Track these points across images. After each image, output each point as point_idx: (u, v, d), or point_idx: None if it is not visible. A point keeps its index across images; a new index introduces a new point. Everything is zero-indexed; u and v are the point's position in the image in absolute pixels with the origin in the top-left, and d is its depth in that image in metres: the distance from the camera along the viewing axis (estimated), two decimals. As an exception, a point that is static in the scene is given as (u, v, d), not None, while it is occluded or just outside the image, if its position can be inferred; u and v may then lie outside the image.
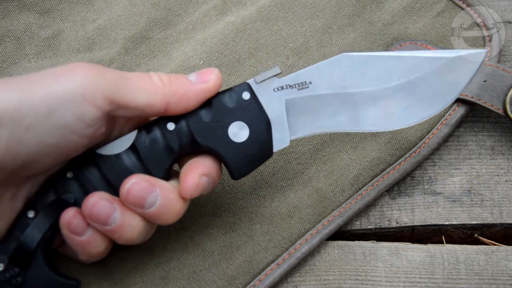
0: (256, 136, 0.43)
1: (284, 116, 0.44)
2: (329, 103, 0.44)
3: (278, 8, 0.57)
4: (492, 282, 0.48)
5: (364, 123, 0.45)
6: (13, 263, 0.40)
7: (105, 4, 0.57)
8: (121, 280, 0.47)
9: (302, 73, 0.44)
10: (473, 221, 0.51)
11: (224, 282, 0.47)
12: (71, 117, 0.38)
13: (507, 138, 0.54)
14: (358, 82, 0.44)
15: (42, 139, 0.38)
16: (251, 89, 0.43)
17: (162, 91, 0.41)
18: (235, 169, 0.43)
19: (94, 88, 0.38)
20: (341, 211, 0.50)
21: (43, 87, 0.38)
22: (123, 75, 0.40)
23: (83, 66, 0.39)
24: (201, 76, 0.43)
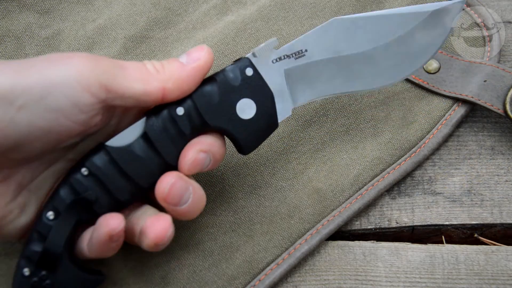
0: (263, 111, 0.44)
1: (284, 86, 0.45)
2: (325, 68, 0.46)
3: (279, 7, 0.57)
4: (492, 282, 0.48)
5: (358, 83, 0.47)
6: (40, 267, 0.41)
7: (105, 3, 0.57)
8: (121, 279, 0.47)
9: (297, 41, 0.45)
10: (473, 221, 0.51)
11: (224, 282, 0.47)
12: (65, 101, 0.38)
13: (507, 138, 0.54)
14: (350, 45, 0.46)
15: (34, 120, 0.38)
16: (252, 65, 0.44)
17: (157, 77, 0.41)
18: (245, 145, 0.44)
19: (90, 74, 0.38)
20: (341, 211, 0.50)
21: (38, 70, 0.38)
22: (119, 64, 0.41)
23: (80, 55, 0.40)
24: (191, 56, 0.43)
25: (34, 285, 0.41)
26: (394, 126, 0.53)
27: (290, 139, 0.52)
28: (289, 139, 0.52)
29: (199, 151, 0.42)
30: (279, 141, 0.52)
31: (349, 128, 0.53)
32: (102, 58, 0.40)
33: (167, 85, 0.41)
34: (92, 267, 0.44)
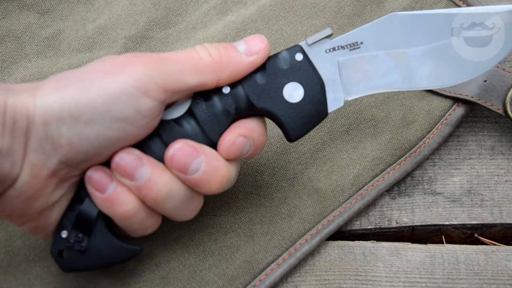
0: (311, 96, 0.43)
1: (337, 76, 0.44)
2: (381, 63, 0.45)
3: (279, 7, 0.57)
4: (492, 282, 0.48)
5: (417, 81, 0.45)
6: (76, 229, 0.42)
7: (105, 3, 0.57)
8: (122, 279, 0.47)
9: (353, 33, 0.44)
10: (473, 221, 0.51)
11: (224, 282, 0.47)
12: (128, 110, 0.38)
13: (507, 138, 0.54)
14: (408, 41, 0.44)
15: (101, 133, 0.39)
16: (303, 51, 0.44)
17: (213, 67, 0.41)
18: (292, 130, 0.44)
19: (147, 79, 0.39)
20: (341, 211, 0.50)
21: (96, 84, 0.38)
22: (171, 59, 0.41)
23: (132, 60, 0.40)
24: (250, 47, 0.43)
25: (70, 247, 0.42)
26: (394, 126, 0.53)
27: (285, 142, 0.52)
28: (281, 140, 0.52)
29: (239, 135, 0.42)
30: (279, 141, 0.52)
31: (349, 128, 0.53)
32: (153, 57, 0.40)
33: (222, 76, 0.41)
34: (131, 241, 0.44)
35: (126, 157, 0.40)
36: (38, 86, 0.39)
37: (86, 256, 0.42)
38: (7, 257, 0.46)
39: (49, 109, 0.37)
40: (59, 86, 0.38)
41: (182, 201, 0.42)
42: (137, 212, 0.41)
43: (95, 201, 0.41)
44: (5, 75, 0.53)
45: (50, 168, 0.39)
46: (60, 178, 0.40)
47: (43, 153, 0.38)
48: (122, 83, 0.38)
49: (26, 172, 0.38)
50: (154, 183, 0.40)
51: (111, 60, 0.40)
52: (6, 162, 0.37)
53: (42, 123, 0.37)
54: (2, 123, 0.36)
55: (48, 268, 0.46)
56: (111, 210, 0.41)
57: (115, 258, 0.43)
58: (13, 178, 0.38)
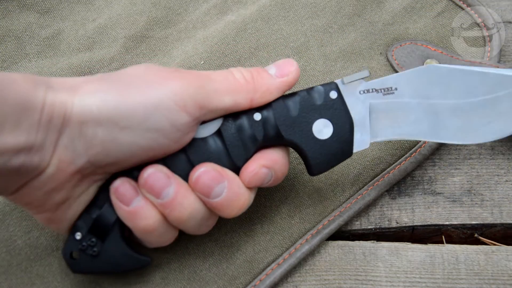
0: (339, 135, 0.44)
1: (367, 118, 0.45)
2: (412, 111, 0.45)
3: (279, 7, 0.57)
4: (492, 282, 0.48)
5: (444, 134, 0.45)
6: (91, 233, 0.42)
7: (105, 3, 0.57)
8: (122, 279, 0.47)
9: (389, 78, 0.45)
10: (473, 221, 0.51)
11: (224, 282, 0.47)
12: (165, 122, 0.39)
13: (507, 138, 0.54)
14: (442, 94, 0.45)
15: (135, 140, 0.39)
16: (338, 89, 0.44)
17: (247, 88, 0.42)
18: (315, 165, 0.44)
19: (185, 94, 0.40)
20: (342, 210, 0.50)
21: (139, 92, 0.39)
22: (208, 78, 0.42)
23: (174, 74, 0.41)
24: (281, 70, 0.44)
25: (82, 249, 0.42)
26: (394, 126, 0.53)
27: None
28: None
29: (262, 166, 0.43)
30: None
31: (349, 128, 0.53)
32: (192, 74, 0.41)
33: (255, 96, 0.42)
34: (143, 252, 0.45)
35: (155, 174, 0.41)
36: (79, 85, 0.39)
37: (97, 261, 0.43)
38: (8, 256, 0.46)
39: (88, 110, 0.38)
40: (100, 89, 0.39)
41: (202, 219, 0.43)
42: (158, 227, 0.42)
43: (118, 212, 0.42)
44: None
45: (77, 166, 0.39)
46: (84, 175, 0.41)
47: (73, 151, 0.39)
48: (162, 96, 0.39)
49: (53, 166, 0.39)
50: (179, 203, 0.41)
51: (153, 71, 0.41)
52: (36, 156, 0.38)
53: (79, 122, 0.38)
54: (38, 120, 0.37)
55: (49, 267, 0.46)
56: (133, 222, 0.42)
57: (124, 266, 0.44)
58: (40, 171, 0.39)
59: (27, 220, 0.48)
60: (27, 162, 0.37)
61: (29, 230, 0.47)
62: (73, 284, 0.46)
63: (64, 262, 0.46)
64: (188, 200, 0.41)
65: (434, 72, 0.45)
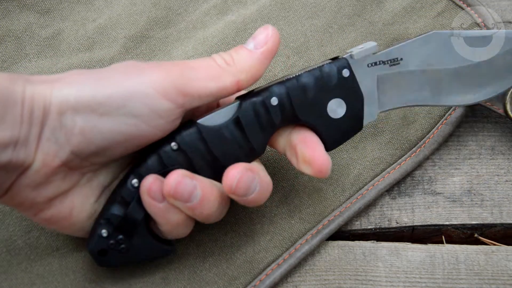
0: (352, 113, 0.44)
1: (375, 91, 0.45)
2: (416, 79, 0.46)
3: (279, 7, 0.57)
4: (492, 282, 0.48)
5: (444, 98, 0.47)
6: (118, 231, 0.43)
7: (106, 3, 0.57)
8: (122, 279, 0.47)
9: (395, 49, 0.45)
10: (473, 221, 0.51)
11: (224, 282, 0.47)
12: (144, 108, 0.39)
13: (507, 138, 0.54)
14: (444, 59, 0.46)
15: (115, 126, 0.39)
16: (350, 66, 0.44)
17: (229, 71, 0.42)
18: (329, 143, 0.45)
19: (165, 81, 0.40)
20: (342, 210, 0.50)
21: (116, 81, 0.39)
22: (189, 66, 0.41)
23: (153, 65, 0.41)
24: (258, 40, 0.43)
25: (111, 247, 0.43)
26: (394, 126, 0.53)
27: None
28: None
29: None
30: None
31: (349, 128, 0.53)
32: (171, 64, 0.41)
33: (241, 77, 0.42)
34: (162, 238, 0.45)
35: (182, 183, 0.41)
36: (57, 79, 0.39)
37: (125, 255, 0.43)
38: (8, 256, 0.46)
39: (65, 100, 0.38)
40: (78, 80, 0.39)
41: (224, 208, 0.44)
42: (186, 221, 0.43)
43: (150, 209, 0.42)
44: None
45: (61, 158, 0.40)
46: (70, 168, 0.41)
47: (55, 142, 0.39)
48: (140, 83, 0.39)
49: (38, 161, 0.39)
50: (206, 202, 0.42)
51: (132, 64, 0.41)
52: (21, 151, 0.38)
53: (58, 113, 0.38)
54: (20, 113, 0.37)
55: (49, 267, 0.46)
56: (165, 219, 0.42)
57: (152, 257, 0.45)
58: (26, 166, 0.39)
59: (27, 220, 0.48)
60: (13, 158, 0.38)
61: (29, 230, 0.47)
62: (73, 284, 0.46)
63: (64, 261, 0.46)
64: (214, 196, 0.42)
65: (437, 38, 0.45)
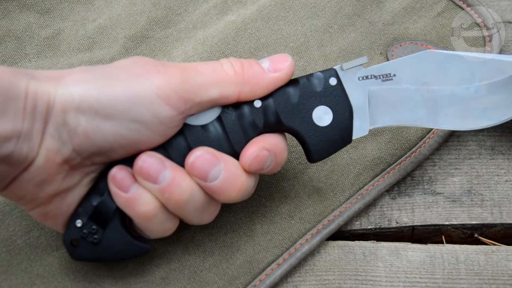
0: (339, 122, 0.44)
1: (366, 105, 0.44)
2: (410, 97, 0.45)
3: (279, 7, 0.57)
4: (492, 282, 0.48)
5: (442, 120, 0.46)
6: (92, 220, 0.42)
7: (105, 3, 0.57)
8: (122, 279, 0.47)
9: (387, 65, 0.45)
10: (473, 221, 0.51)
11: (224, 282, 0.47)
12: (147, 114, 0.39)
13: (507, 138, 0.54)
14: (440, 80, 0.45)
15: (118, 130, 0.39)
16: (337, 76, 0.44)
17: (235, 81, 0.42)
18: (315, 152, 0.44)
19: (169, 89, 0.40)
20: (342, 210, 0.50)
21: (121, 83, 0.39)
22: (195, 70, 0.41)
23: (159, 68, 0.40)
24: (274, 64, 0.43)
25: (83, 237, 0.43)
26: (394, 126, 0.53)
27: (290, 139, 0.52)
28: (289, 139, 0.52)
29: (263, 148, 0.42)
30: (279, 141, 0.52)
31: (349, 128, 0.53)
32: (178, 67, 0.41)
33: (244, 89, 0.42)
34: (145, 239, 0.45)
35: (148, 160, 0.41)
36: (62, 76, 0.39)
37: (98, 248, 0.43)
38: (8, 256, 0.46)
39: (70, 98, 0.38)
40: (83, 79, 0.39)
41: (202, 204, 0.42)
42: (157, 214, 0.42)
43: (116, 199, 0.42)
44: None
45: (64, 155, 0.40)
46: (72, 166, 0.41)
47: (59, 140, 0.39)
48: (145, 88, 0.39)
49: (41, 157, 0.39)
50: (176, 185, 0.41)
51: (140, 64, 0.41)
52: (24, 145, 0.38)
53: (62, 110, 0.38)
54: (23, 108, 0.37)
55: (49, 267, 0.46)
56: (132, 210, 0.41)
57: (126, 254, 0.44)
58: (29, 161, 0.39)
59: (27, 219, 0.48)
60: (16, 151, 0.38)
61: (29, 230, 0.47)
62: (73, 284, 0.46)
63: (64, 261, 0.46)
64: (186, 182, 0.41)
65: (432, 58, 0.45)
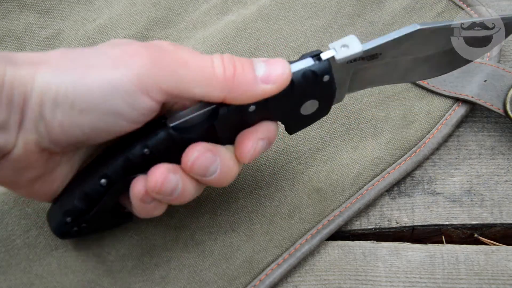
0: (322, 109, 0.44)
1: (347, 81, 0.44)
2: (388, 67, 0.45)
3: (279, 7, 0.58)
4: (492, 282, 0.48)
5: (410, 77, 0.47)
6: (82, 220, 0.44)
7: (106, 3, 0.57)
8: (121, 278, 0.47)
9: (376, 46, 0.43)
10: (473, 221, 0.51)
11: (224, 282, 0.47)
12: (124, 105, 0.38)
13: (507, 138, 0.54)
14: (419, 50, 0.45)
15: (95, 123, 0.38)
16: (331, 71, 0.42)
17: (223, 85, 0.39)
18: (294, 129, 0.45)
19: (150, 79, 0.38)
20: (341, 210, 0.50)
21: (99, 73, 0.38)
22: (183, 63, 0.39)
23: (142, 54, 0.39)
24: (268, 73, 0.40)
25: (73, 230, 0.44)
26: (394, 126, 0.53)
27: (290, 139, 0.52)
28: (289, 139, 0.52)
29: (259, 140, 0.42)
30: (279, 140, 0.52)
31: (349, 127, 0.53)
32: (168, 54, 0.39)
33: (230, 95, 0.40)
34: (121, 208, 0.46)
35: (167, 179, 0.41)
36: (41, 61, 0.38)
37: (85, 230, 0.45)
38: (7, 256, 0.46)
39: (46, 90, 0.37)
40: (61, 67, 0.38)
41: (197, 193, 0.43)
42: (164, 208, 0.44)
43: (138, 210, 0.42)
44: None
45: (42, 146, 0.39)
46: (52, 153, 0.40)
47: (36, 132, 0.38)
48: (123, 78, 0.38)
49: (19, 147, 0.38)
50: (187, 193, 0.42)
51: (121, 47, 0.39)
52: (1, 135, 0.37)
53: (38, 103, 0.37)
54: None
55: (48, 267, 0.46)
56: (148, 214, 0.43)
57: (111, 226, 0.47)
58: (6, 151, 0.38)
59: (26, 219, 0.48)
60: None
61: (28, 229, 0.47)
62: (72, 284, 0.46)
63: (63, 261, 0.46)
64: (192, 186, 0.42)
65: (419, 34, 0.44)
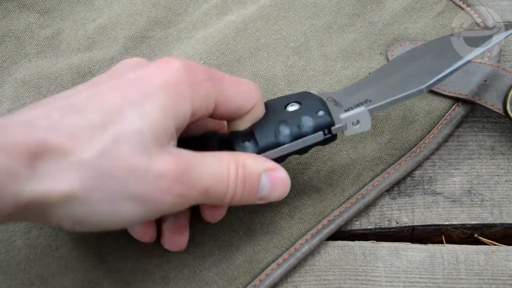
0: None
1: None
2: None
3: (279, 7, 0.57)
4: (492, 282, 0.48)
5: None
6: None
7: (105, 3, 0.57)
8: (121, 279, 0.47)
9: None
10: (473, 221, 0.51)
11: (224, 282, 0.47)
12: (147, 209, 0.37)
13: (507, 138, 0.54)
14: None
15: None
16: (330, 129, 0.43)
17: (230, 192, 0.40)
18: None
19: (172, 182, 0.37)
20: (341, 210, 0.50)
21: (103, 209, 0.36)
22: (200, 163, 0.38)
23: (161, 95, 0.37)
24: (268, 197, 0.43)
25: None
26: (394, 126, 0.53)
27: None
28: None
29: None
30: (279, 141, 0.52)
31: (349, 128, 0.53)
32: (178, 158, 0.38)
33: (233, 200, 0.41)
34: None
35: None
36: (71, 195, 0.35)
37: None
38: (7, 256, 0.46)
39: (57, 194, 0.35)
40: (79, 190, 0.35)
41: None
42: None
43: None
44: (5, 75, 0.53)
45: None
46: None
47: (57, 224, 0.37)
48: (147, 192, 0.36)
49: None
50: None
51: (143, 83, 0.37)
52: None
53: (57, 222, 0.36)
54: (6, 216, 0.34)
55: (48, 268, 0.46)
56: None
57: None
58: None
59: (27, 219, 0.48)
60: None
61: (28, 230, 0.47)
62: (72, 284, 0.46)
63: (63, 261, 0.46)
64: None
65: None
